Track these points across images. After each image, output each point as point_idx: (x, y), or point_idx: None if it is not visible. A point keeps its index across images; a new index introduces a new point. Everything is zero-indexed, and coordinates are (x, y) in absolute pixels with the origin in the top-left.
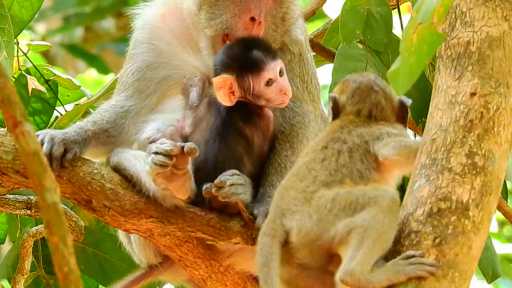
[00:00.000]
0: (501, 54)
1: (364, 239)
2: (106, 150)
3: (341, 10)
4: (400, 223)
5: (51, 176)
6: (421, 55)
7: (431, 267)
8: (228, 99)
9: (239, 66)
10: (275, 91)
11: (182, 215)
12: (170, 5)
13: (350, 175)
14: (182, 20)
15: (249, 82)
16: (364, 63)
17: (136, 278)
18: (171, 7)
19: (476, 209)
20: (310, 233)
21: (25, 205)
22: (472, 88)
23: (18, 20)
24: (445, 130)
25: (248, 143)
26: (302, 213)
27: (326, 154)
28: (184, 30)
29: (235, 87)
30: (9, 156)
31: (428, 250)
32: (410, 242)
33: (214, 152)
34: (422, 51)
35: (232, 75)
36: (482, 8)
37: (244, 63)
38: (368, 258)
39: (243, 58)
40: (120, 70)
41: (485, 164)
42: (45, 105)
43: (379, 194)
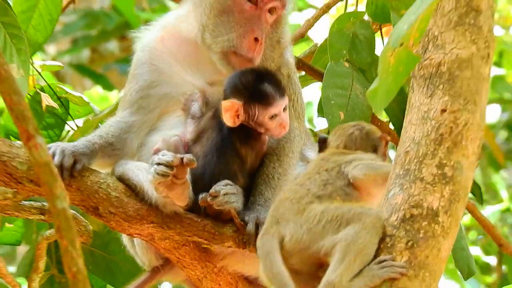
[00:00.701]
0: (469, 74)
1: (346, 253)
2: (111, 161)
3: (329, 32)
4: None
5: (61, 185)
6: (398, 76)
7: (401, 269)
8: (232, 121)
9: (250, 95)
10: (276, 124)
11: (180, 221)
12: (168, 29)
13: (337, 191)
14: (180, 42)
15: (255, 112)
16: (350, 80)
17: (142, 282)
18: (169, 31)
19: (445, 215)
20: (301, 242)
21: (39, 211)
22: (442, 105)
23: (33, 42)
24: (418, 143)
25: (243, 162)
26: (295, 222)
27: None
28: (182, 51)
29: (240, 112)
30: (23, 167)
31: (401, 252)
32: (385, 245)
33: (211, 167)
34: (398, 72)
35: (240, 101)
36: (452, 32)
37: (255, 94)
38: (348, 271)
39: (254, 89)
40: (123, 88)
41: (454, 175)
42: (57, 120)
43: (364, 212)
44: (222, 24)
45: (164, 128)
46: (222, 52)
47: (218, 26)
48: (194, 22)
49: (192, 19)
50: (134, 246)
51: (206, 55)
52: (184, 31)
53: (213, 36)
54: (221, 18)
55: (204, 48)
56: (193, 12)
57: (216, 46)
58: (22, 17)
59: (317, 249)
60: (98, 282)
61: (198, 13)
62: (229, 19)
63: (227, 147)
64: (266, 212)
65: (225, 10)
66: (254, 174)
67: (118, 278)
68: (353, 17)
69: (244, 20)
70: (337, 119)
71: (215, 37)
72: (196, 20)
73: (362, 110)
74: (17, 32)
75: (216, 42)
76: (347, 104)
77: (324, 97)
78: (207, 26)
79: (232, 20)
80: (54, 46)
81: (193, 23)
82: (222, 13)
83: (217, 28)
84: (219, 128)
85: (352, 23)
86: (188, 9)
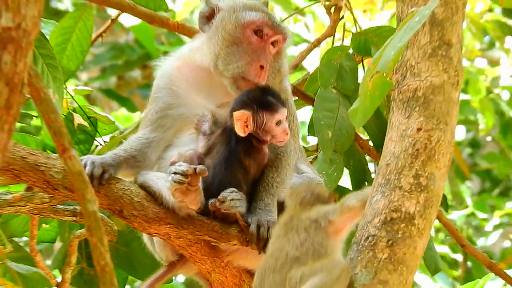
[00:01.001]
0: (441, 98)
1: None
2: (134, 171)
3: (319, 63)
4: (361, 229)
5: (91, 191)
6: (374, 98)
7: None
8: (242, 130)
9: (258, 105)
10: (280, 130)
11: (193, 222)
12: (183, 59)
13: (313, 247)
14: (193, 70)
15: (263, 119)
16: (337, 104)
17: (160, 275)
18: (185, 60)
19: (420, 218)
20: None
21: (72, 213)
22: (418, 124)
23: (67, 70)
24: (397, 157)
25: (246, 172)
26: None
27: (289, 236)
28: (195, 78)
29: (249, 121)
30: (59, 175)
31: (382, 250)
32: (369, 243)
33: (220, 176)
34: (375, 95)
35: (249, 111)
36: (427, 62)
37: (262, 103)
38: None
39: (261, 100)
40: (145, 109)
41: (428, 184)
42: (87, 136)
43: (333, 264)
44: (233, 54)
45: (179, 144)
46: (233, 77)
47: (229, 55)
48: (207, 52)
49: (205, 50)
50: (153, 244)
51: (217, 81)
52: (198, 60)
53: (225, 64)
54: (232, 48)
55: (216, 74)
56: (207, 43)
57: (228, 72)
58: (57, 49)
59: None
60: (122, 274)
61: (211, 44)
62: (239, 49)
63: (234, 159)
64: (266, 215)
65: (235, 42)
66: (256, 183)
67: (139, 271)
68: (339, 51)
69: (252, 50)
70: (326, 137)
71: (226, 65)
72: (209, 51)
73: (347, 129)
74: (53, 62)
75: (228, 68)
76: (334, 124)
77: (315, 118)
78: (219, 55)
79: (241, 50)
80: (86, 74)
81: (206, 53)
82: (233, 44)
83: (228, 56)
84: (227, 143)
85: (339, 55)
86: (201, 41)
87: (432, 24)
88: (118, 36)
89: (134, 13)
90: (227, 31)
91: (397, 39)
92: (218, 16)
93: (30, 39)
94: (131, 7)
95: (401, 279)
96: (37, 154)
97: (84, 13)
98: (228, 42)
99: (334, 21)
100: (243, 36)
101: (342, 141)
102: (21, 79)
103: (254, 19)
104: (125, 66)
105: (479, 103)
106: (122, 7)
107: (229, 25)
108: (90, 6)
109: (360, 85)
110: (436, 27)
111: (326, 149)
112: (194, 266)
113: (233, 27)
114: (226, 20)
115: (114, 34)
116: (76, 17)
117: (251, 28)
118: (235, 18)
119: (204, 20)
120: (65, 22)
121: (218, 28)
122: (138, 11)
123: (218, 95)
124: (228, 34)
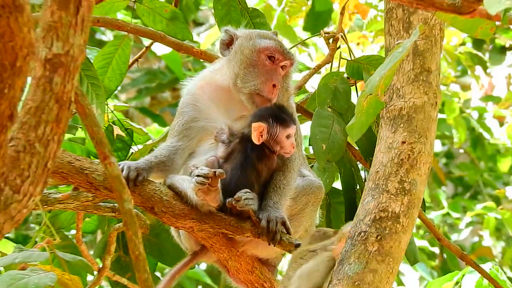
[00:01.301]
0: (422, 116)
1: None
2: (163, 175)
3: (317, 86)
4: (354, 226)
5: (127, 191)
6: (368, 116)
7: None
8: (257, 139)
9: (273, 119)
10: (288, 143)
11: (213, 218)
12: (206, 79)
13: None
14: (214, 89)
15: (276, 131)
16: (331, 121)
17: (186, 262)
18: (207, 80)
19: (405, 217)
20: None
21: (111, 210)
22: (403, 138)
23: (107, 89)
24: (385, 166)
25: (258, 175)
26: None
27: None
28: (216, 95)
29: (264, 132)
30: (100, 178)
31: (372, 243)
32: (361, 238)
33: (236, 178)
34: (369, 113)
35: (265, 123)
36: (410, 86)
37: (278, 118)
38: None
39: (277, 115)
40: (173, 122)
41: (411, 188)
42: (124, 145)
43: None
44: (250, 74)
45: (201, 152)
46: (249, 93)
47: (247, 75)
48: (227, 72)
49: (225, 70)
50: (179, 236)
51: (234, 98)
52: (218, 80)
53: (243, 82)
54: (249, 69)
55: (235, 91)
56: (227, 65)
57: (246, 89)
58: (100, 71)
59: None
60: (152, 261)
61: (231, 66)
62: (255, 70)
63: (249, 164)
64: (275, 212)
65: (252, 64)
66: (266, 184)
67: (167, 259)
68: (335, 76)
69: (265, 71)
70: (321, 149)
71: (244, 83)
72: (229, 71)
73: (339, 143)
74: (96, 82)
75: (245, 86)
76: (328, 138)
77: (312, 133)
78: (238, 75)
79: (257, 71)
80: (125, 95)
81: (226, 73)
82: (250, 66)
83: (246, 76)
84: (244, 151)
85: (335, 79)
86: (221, 64)
87: (414, 54)
88: (152, 63)
89: (165, 42)
90: (245, 55)
91: (383, 66)
92: (236, 43)
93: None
94: (162, 37)
95: (388, 268)
96: (82, 160)
97: (123, 41)
98: (246, 64)
99: (332, 50)
100: (258, 59)
101: (334, 152)
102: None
103: (268, 46)
104: (157, 88)
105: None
106: (155, 37)
107: (247, 50)
108: (128, 36)
109: (356, 105)
110: (418, 56)
111: (321, 160)
112: (214, 255)
113: (250, 52)
114: (244, 46)
115: (148, 61)
116: (116, 45)
117: (265, 54)
118: (252, 44)
119: (224, 46)
120: (106, 49)
121: (237, 52)
122: (168, 40)
123: (235, 110)
124: (246, 57)
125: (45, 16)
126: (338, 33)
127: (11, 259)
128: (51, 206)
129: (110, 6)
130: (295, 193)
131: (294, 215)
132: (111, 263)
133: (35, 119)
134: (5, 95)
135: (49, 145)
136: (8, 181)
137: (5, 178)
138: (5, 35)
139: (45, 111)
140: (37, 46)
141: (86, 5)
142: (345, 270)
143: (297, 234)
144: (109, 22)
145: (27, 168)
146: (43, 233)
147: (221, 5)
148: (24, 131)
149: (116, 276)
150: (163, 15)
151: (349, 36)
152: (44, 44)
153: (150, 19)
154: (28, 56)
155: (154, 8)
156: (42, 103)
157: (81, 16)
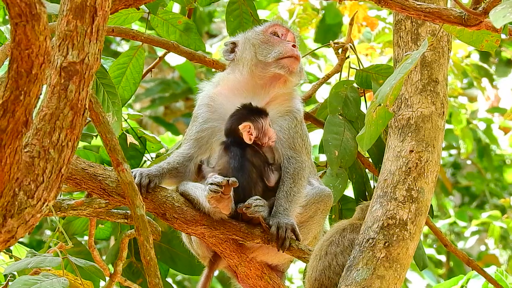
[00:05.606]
0: (430, 126)
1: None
2: (176, 181)
3: (329, 94)
4: (363, 233)
5: (140, 197)
6: (378, 126)
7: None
8: (248, 138)
9: (253, 114)
10: (271, 130)
11: (223, 224)
12: (220, 82)
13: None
14: (229, 89)
15: (262, 123)
16: (343, 128)
17: (207, 275)
18: (222, 82)
19: (412, 224)
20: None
21: (124, 216)
22: (410, 147)
23: (122, 98)
24: (393, 174)
25: (256, 168)
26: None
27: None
28: (230, 96)
29: (252, 129)
30: (113, 184)
31: (380, 250)
32: (369, 245)
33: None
34: (378, 124)
35: (248, 121)
36: (418, 96)
37: (255, 112)
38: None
39: (252, 110)
40: (187, 129)
41: (418, 196)
42: (137, 153)
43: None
44: (266, 47)
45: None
46: (275, 60)
47: (265, 49)
48: (243, 64)
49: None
50: (190, 242)
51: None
52: (231, 80)
53: (264, 55)
54: (263, 45)
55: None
56: (239, 61)
57: (270, 58)
58: (114, 80)
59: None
60: (163, 267)
61: (245, 56)
62: (269, 43)
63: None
64: (284, 218)
65: (263, 41)
66: (275, 191)
67: (178, 265)
68: (345, 84)
69: (278, 42)
70: (333, 156)
71: (266, 55)
72: (244, 61)
73: (350, 150)
74: (112, 90)
75: (268, 56)
76: (340, 145)
77: (324, 140)
78: (257, 53)
79: (271, 43)
80: (139, 104)
81: (242, 66)
82: (263, 43)
83: (265, 50)
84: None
85: (345, 88)
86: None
87: (422, 65)
88: (166, 74)
89: (178, 52)
90: (253, 40)
91: (392, 77)
92: (240, 42)
93: (91, 72)
94: (175, 47)
95: (396, 274)
96: (95, 166)
97: (137, 52)
98: (259, 43)
99: (341, 59)
100: (266, 37)
101: (346, 159)
102: (84, 105)
103: (269, 24)
104: (171, 98)
105: (461, 131)
106: (168, 46)
107: (253, 36)
108: (142, 47)
109: (365, 116)
110: (426, 67)
111: (333, 166)
112: (224, 261)
113: (256, 35)
114: (250, 37)
115: (162, 71)
116: (130, 55)
117: (269, 32)
118: (255, 31)
119: (228, 53)
120: (121, 59)
121: (245, 45)
122: (181, 50)
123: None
124: (255, 40)
125: (61, 25)
126: (347, 43)
127: (24, 264)
128: (64, 212)
129: (125, 17)
130: (305, 200)
131: (304, 222)
132: (123, 269)
133: (50, 125)
134: (21, 101)
135: (63, 151)
136: (22, 186)
137: (20, 183)
138: (22, 43)
139: (60, 117)
140: (53, 54)
141: (102, 15)
142: (353, 276)
143: (306, 241)
144: (123, 32)
145: (41, 174)
146: (57, 239)
147: (234, 17)
148: (39, 137)
149: (127, 281)
150: (176, 26)
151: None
152: (59, 52)
153: (164, 30)
154: (44, 64)
155: (168, 19)
156: (57, 110)
157: (96, 25)
